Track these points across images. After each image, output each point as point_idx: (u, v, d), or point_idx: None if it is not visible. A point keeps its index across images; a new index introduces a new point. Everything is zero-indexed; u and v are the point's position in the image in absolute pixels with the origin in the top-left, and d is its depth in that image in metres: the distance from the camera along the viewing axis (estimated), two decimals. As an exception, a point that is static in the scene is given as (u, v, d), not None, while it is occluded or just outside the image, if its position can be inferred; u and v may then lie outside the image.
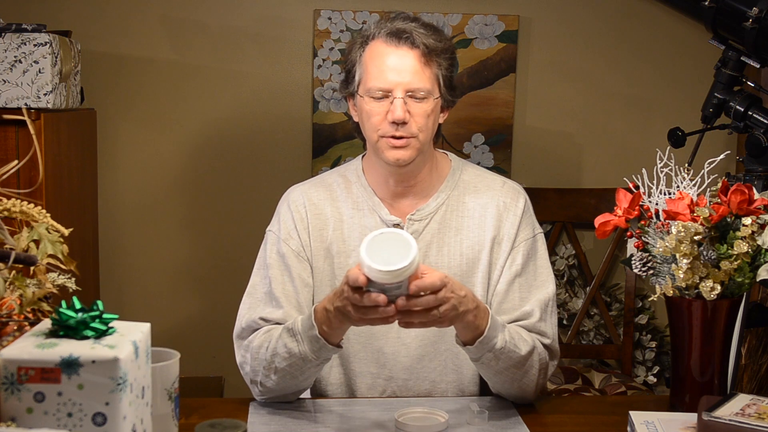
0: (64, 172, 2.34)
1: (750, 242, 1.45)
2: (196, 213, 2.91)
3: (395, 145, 1.61)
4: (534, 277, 1.68)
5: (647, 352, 2.89)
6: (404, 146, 1.61)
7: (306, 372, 1.55)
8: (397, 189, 1.70)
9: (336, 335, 1.50)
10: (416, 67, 1.60)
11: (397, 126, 1.59)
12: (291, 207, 1.72)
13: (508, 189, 1.73)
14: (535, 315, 1.63)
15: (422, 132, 1.61)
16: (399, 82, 1.59)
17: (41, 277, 1.22)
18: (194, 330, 2.91)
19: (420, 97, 1.60)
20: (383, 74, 1.60)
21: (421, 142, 1.62)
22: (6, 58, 2.12)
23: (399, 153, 1.61)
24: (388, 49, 1.61)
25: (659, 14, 2.96)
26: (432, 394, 1.69)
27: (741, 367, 2.17)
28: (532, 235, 1.71)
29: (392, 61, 1.60)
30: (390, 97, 1.60)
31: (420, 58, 1.60)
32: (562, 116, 2.98)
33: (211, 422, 1.28)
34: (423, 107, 1.60)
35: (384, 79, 1.60)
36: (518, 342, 1.53)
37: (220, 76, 2.86)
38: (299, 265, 1.68)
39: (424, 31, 1.61)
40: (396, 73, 1.59)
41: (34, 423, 0.97)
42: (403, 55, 1.60)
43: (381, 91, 1.60)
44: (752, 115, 2.00)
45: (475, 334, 1.48)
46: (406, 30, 1.60)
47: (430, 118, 1.62)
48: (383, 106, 1.60)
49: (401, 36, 1.60)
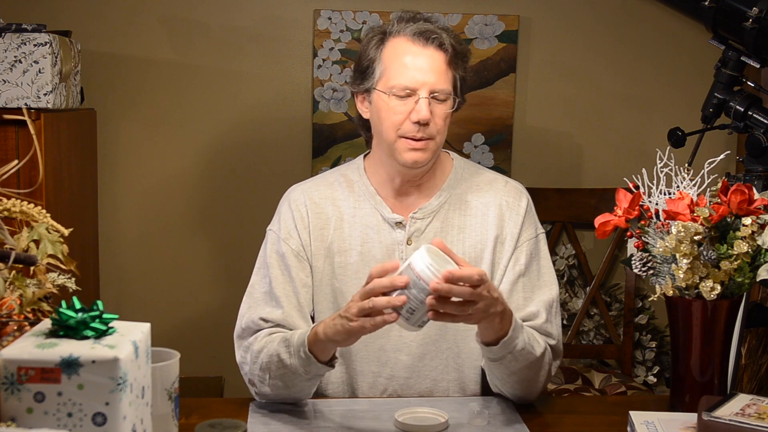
0: (64, 172, 2.34)
1: (750, 242, 1.45)
2: (196, 213, 2.91)
3: (414, 147, 1.60)
4: (537, 277, 1.69)
5: (647, 352, 2.89)
6: (423, 148, 1.61)
7: (298, 384, 1.55)
8: (401, 188, 1.70)
9: (325, 352, 1.50)
10: (442, 69, 1.60)
11: (420, 126, 1.59)
12: (291, 206, 1.72)
13: (510, 188, 1.73)
14: (542, 316, 1.63)
15: (440, 134, 1.62)
16: (425, 82, 1.59)
17: (41, 277, 1.22)
18: (194, 330, 2.91)
19: (442, 99, 1.60)
20: (410, 72, 1.59)
21: (437, 144, 1.63)
22: (6, 58, 2.12)
23: (417, 155, 1.61)
24: (414, 48, 1.61)
25: (659, 14, 2.96)
26: (433, 393, 1.69)
27: (741, 367, 2.17)
28: (535, 234, 1.71)
29: (419, 60, 1.60)
30: (414, 97, 1.59)
31: (446, 59, 1.61)
32: (562, 116, 2.98)
33: (211, 422, 1.29)
34: (443, 109, 1.61)
35: (410, 78, 1.59)
36: (534, 343, 1.54)
37: (220, 76, 2.86)
38: (299, 265, 1.68)
39: (446, 35, 1.62)
40: (423, 73, 1.59)
41: (34, 423, 0.97)
42: (431, 55, 1.60)
43: (407, 89, 1.59)
44: (752, 115, 2.00)
45: (498, 335, 1.47)
46: (434, 31, 1.61)
47: (447, 120, 1.63)
48: (406, 105, 1.60)
49: (429, 36, 1.60)
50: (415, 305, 1.34)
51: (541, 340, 1.58)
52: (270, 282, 1.66)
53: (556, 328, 1.65)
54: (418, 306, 1.34)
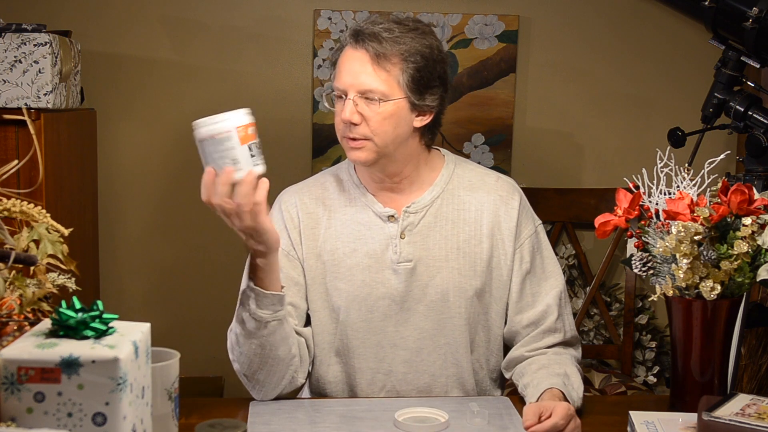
0: (64, 172, 2.34)
1: (750, 242, 1.45)
2: (197, 213, 2.90)
3: (353, 146, 1.62)
4: (542, 270, 1.72)
5: (647, 352, 2.89)
6: (360, 147, 1.61)
7: (266, 336, 1.54)
8: (383, 185, 1.71)
9: (268, 278, 1.51)
10: (368, 69, 1.59)
11: (349, 127, 1.60)
12: (282, 207, 1.74)
13: (502, 183, 1.75)
14: (553, 313, 1.69)
15: (377, 135, 1.60)
16: (351, 83, 1.60)
17: (41, 277, 1.22)
18: (194, 330, 2.91)
19: (373, 99, 1.59)
20: (341, 75, 1.62)
21: (377, 144, 1.61)
22: (6, 58, 2.12)
23: (356, 154, 1.63)
24: (349, 50, 1.62)
25: (659, 14, 2.96)
26: (432, 388, 1.70)
27: (741, 367, 2.17)
28: (534, 229, 1.74)
29: (349, 63, 1.61)
30: (344, 99, 1.61)
31: (371, 59, 1.59)
32: (562, 116, 2.98)
33: (211, 422, 1.29)
34: (376, 110, 1.59)
35: (340, 80, 1.61)
36: (574, 379, 1.59)
37: (220, 76, 2.86)
38: (288, 264, 1.69)
39: (386, 34, 1.59)
40: (349, 75, 1.60)
41: (34, 423, 0.97)
42: (358, 57, 1.60)
43: (338, 91, 1.62)
44: (752, 115, 2.00)
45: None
46: (364, 31, 1.60)
47: (386, 121, 1.60)
48: (340, 106, 1.62)
49: (358, 37, 1.61)
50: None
51: (567, 357, 1.66)
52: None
53: (568, 319, 1.72)
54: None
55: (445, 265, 1.68)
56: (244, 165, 1.37)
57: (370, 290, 1.68)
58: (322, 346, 1.71)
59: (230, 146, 1.36)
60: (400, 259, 1.67)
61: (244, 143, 1.36)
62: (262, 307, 1.52)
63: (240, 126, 1.37)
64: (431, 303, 1.68)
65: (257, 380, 1.60)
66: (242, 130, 1.37)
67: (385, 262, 1.68)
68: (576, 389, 1.56)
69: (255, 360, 1.57)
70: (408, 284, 1.67)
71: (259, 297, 1.52)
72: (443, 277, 1.68)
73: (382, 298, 1.68)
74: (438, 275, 1.68)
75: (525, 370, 1.63)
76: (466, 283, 1.68)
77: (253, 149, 1.38)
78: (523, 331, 1.70)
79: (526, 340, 1.69)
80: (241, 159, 1.37)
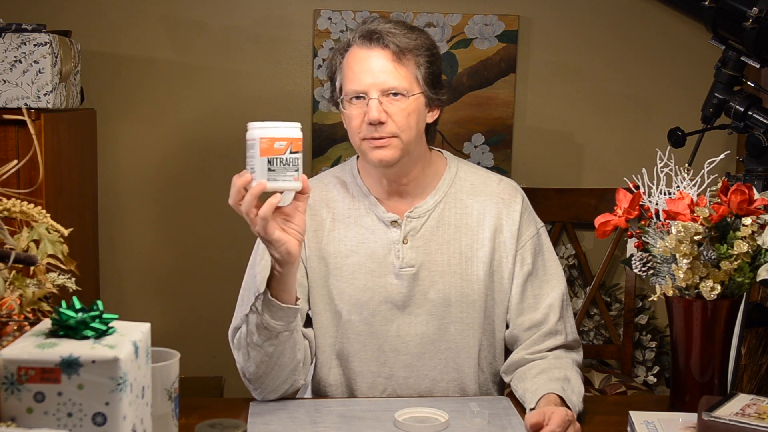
0: (64, 172, 2.34)
1: (750, 242, 1.45)
2: (197, 213, 2.91)
3: (377, 145, 1.61)
4: (544, 272, 1.72)
5: (647, 352, 2.89)
6: (385, 146, 1.61)
7: (275, 345, 1.54)
8: (390, 188, 1.70)
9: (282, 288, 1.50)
10: (389, 67, 1.60)
11: (375, 127, 1.60)
12: None
13: (504, 186, 1.75)
14: (554, 315, 1.68)
15: (403, 132, 1.61)
16: (373, 83, 1.59)
17: (41, 277, 1.22)
18: (194, 330, 2.91)
19: (398, 95, 1.60)
20: (357, 77, 1.61)
21: (403, 141, 1.62)
22: (6, 58, 2.12)
23: (381, 153, 1.61)
24: (361, 52, 1.62)
25: (659, 14, 2.96)
26: (432, 393, 1.70)
27: (741, 367, 2.17)
28: (536, 231, 1.73)
29: (366, 63, 1.61)
30: (366, 99, 1.60)
31: (392, 57, 1.60)
32: (562, 116, 2.98)
33: (211, 422, 1.29)
34: (400, 106, 1.60)
35: (358, 82, 1.61)
36: (575, 384, 1.58)
37: (220, 76, 2.86)
38: None
39: (397, 31, 1.61)
40: (369, 75, 1.60)
41: (34, 423, 0.97)
42: (376, 55, 1.60)
43: (357, 93, 1.61)
44: (752, 115, 2.00)
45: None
46: (377, 31, 1.61)
47: (411, 117, 1.61)
48: (361, 108, 1.61)
49: (372, 37, 1.61)
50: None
51: (567, 361, 1.65)
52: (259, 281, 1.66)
53: (570, 322, 1.71)
54: None
55: (448, 270, 1.68)
56: (258, 176, 1.40)
57: (372, 294, 1.67)
58: (324, 348, 1.71)
59: (252, 154, 1.41)
60: (402, 264, 1.67)
61: (264, 155, 1.39)
62: (276, 318, 1.52)
63: (265, 137, 1.39)
64: (433, 308, 1.68)
65: (260, 383, 1.60)
66: (266, 142, 1.39)
67: (388, 266, 1.68)
68: (577, 393, 1.56)
69: (261, 366, 1.57)
70: (410, 289, 1.67)
71: (274, 309, 1.51)
72: (445, 282, 1.68)
73: (384, 302, 1.68)
74: (440, 280, 1.68)
75: (524, 375, 1.63)
76: (468, 288, 1.68)
77: (275, 164, 1.39)
78: (524, 335, 1.69)
79: (527, 343, 1.68)
80: (258, 169, 1.40)
